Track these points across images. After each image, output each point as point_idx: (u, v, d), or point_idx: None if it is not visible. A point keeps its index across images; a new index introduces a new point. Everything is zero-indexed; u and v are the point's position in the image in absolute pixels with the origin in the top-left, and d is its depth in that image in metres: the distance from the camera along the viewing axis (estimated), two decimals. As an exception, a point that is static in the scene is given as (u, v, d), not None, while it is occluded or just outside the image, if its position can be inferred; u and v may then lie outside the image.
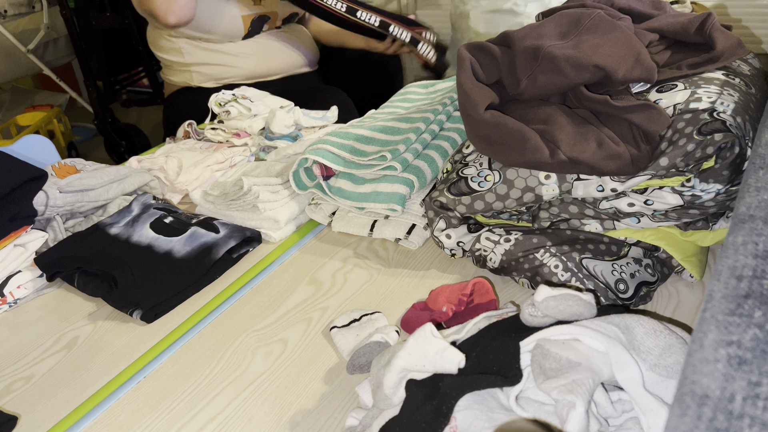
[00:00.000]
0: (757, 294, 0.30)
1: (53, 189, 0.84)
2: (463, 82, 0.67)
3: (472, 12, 1.96)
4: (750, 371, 0.27)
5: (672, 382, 0.42)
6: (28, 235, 0.80)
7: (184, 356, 0.64)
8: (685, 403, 0.27)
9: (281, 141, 1.03)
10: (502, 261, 0.67)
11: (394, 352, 0.47)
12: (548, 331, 0.44)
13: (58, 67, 3.01)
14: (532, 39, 0.65)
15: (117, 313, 0.72)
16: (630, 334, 0.43)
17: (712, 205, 0.59)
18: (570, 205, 0.66)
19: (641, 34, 0.69)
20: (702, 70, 0.63)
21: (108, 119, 2.70)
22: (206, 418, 0.56)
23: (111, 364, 0.65)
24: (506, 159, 0.65)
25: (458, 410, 0.42)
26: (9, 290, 0.76)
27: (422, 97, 1.02)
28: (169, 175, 0.98)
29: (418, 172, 0.78)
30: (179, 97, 1.49)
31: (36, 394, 0.61)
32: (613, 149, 0.58)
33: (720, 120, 0.54)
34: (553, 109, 0.63)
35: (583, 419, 0.38)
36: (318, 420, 0.55)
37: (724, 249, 0.36)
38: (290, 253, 0.81)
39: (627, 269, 0.62)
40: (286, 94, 1.22)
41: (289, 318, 0.68)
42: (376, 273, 0.75)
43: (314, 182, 0.84)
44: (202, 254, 0.77)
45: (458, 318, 0.61)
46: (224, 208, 0.87)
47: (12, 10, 2.77)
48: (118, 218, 0.85)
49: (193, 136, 1.14)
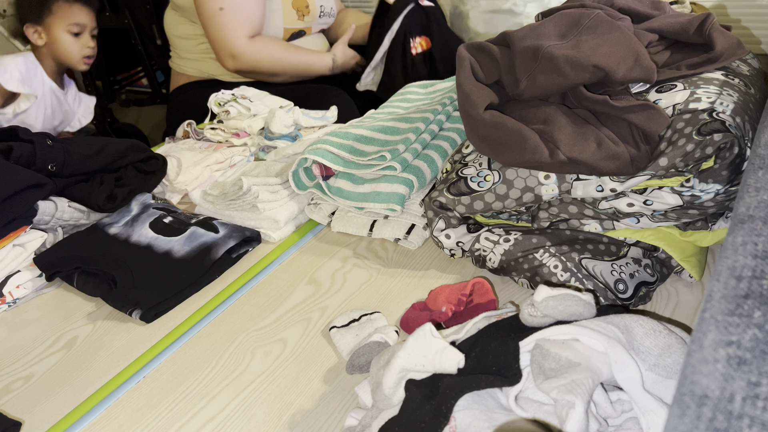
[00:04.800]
0: (757, 294, 0.30)
1: (63, 202, 0.84)
2: (462, 82, 0.67)
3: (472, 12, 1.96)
4: (749, 371, 0.27)
5: (671, 382, 0.42)
6: (27, 235, 0.80)
7: (184, 356, 0.64)
8: (684, 403, 0.27)
9: (281, 141, 1.03)
10: (501, 261, 0.67)
11: (394, 352, 0.47)
12: (548, 331, 0.44)
13: (58, 67, 3.00)
14: (531, 39, 0.65)
15: (116, 313, 0.72)
16: (629, 334, 0.43)
17: (711, 206, 0.59)
18: (569, 205, 0.66)
19: (641, 34, 0.69)
20: (701, 71, 0.63)
21: (107, 119, 2.70)
22: (206, 417, 0.56)
23: (110, 363, 0.65)
24: (506, 159, 0.65)
25: (458, 410, 0.42)
26: (8, 290, 0.76)
27: (422, 97, 1.01)
28: (169, 174, 0.98)
29: (417, 172, 0.78)
30: (186, 90, 1.49)
31: (35, 394, 0.61)
32: (613, 149, 0.58)
33: (719, 120, 0.54)
34: (553, 110, 0.63)
35: (582, 419, 0.38)
36: (317, 420, 0.55)
37: (724, 249, 0.36)
38: (290, 253, 0.81)
39: (626, 269, 0.62)
40: (286, 93, 1.22)
41: (289, 318, 0.68)
42: (375, 273, 0.75)
43: (314, 182, 0.84)
44: (201, 254, 0.77)
45: (458, 318, 0.61)
46: (224, 207, 0.87)
47: (11, 10, 2.76)
48: (118, 218, 0.85)
49: (193, 135, 1.14)
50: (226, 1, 1.30)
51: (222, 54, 1.36)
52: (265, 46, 1.35)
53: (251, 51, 1.34)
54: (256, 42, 1.34)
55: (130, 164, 0.93)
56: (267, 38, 1.37)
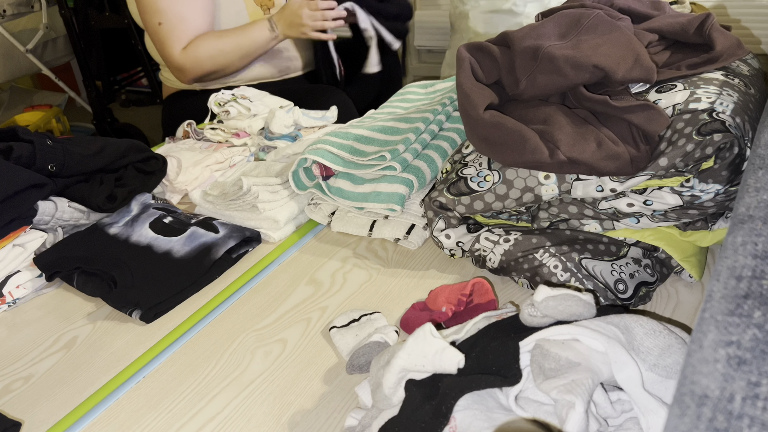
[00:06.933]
0: (757, 294, 0.30)
1: (63, 202, 0.84)
2: (462, 83, 0.67)
3: (472, 12, 1.96)
4: (749, 371, 0.27)
5: (671, 382, 0.42)
6: (27, 235, 0.80)
7: (184, 356, 0.64)
8: (684, 403, 0.27)
9: (281, 141, 1.03)
10: (501, 261, 0.67)
11: (394, 352, 0.47)
12: (548, 331, 0.44)
13: (57, 67, 3.00)
14: (531, 39, 0.65)
15: (116, 313, 0.72)
16: (629, 334, 0.43)
17: (711, 206, 0.59)
18: (569, 205, 0.66)
19: (640, 34, 0.69)
20: (701, 71, 0.63)
21: (107, 119, 2.70)
22: (205, 418, 0.56)
23: (110, 364, 0.65)
24: (505, 159, 0.65)
25: (458, 410, 0.42)
26: (8, 290, 0.76)
27: (421, 97, 1.02)
28: (169, 175, 0.98)
29: (417, 172, 0.78)
30: (178, 98, 1.49)
31: (35, 394, 0.61)
32: (613, 149, 0.58)
33: (719, 120, 0.54)
34: (553, 110, 0.63)
35: (582, 419, 0.38)
36: (317, 420, 0.55)
37: (724, 249, 0.36)
38: (289, 253, 0.81)
39: (626, 269, 0.62)
40: (286, 94, 1.22)
41: (289, 318, 0.68)
42: (375, 273, 0.75)
43: (313, 182, 0.84)
44: (201, 254, 0.77)
45: (458, 318, 0.61)
46: (224, 208, 0.87)
47: (11, 10, 2.76)
48: (118, 218, 0.85)
49: (193, 136, 1.14)
50: (164, 15, 1.27)
51: (171, 70, 1.33)
52: (198, 46, 1.29)
53: (189, 58, 1.29)
54: (190, 47, 1.29)
55: (130, 164, 0.93)
56: (198, 38, 1.29)
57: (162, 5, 1.26)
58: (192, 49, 1.29)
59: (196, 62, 1.30)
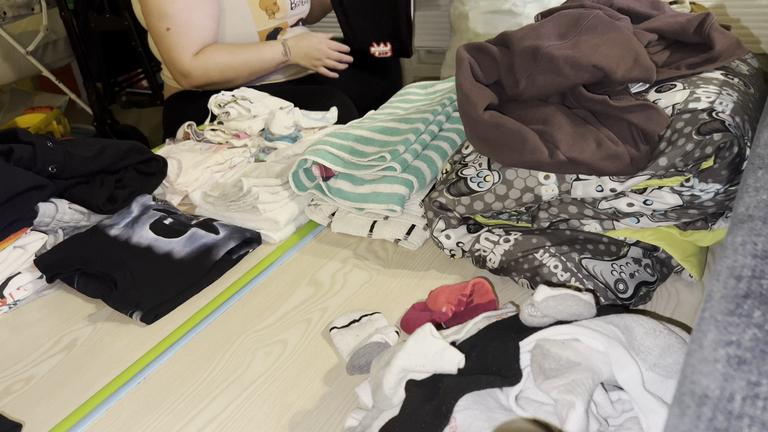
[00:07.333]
0: (756, 294, 0.30)
1: (63, 204, 0.84)
2: (462, 83, 0.67)
3: (471, 13, 1.96)
4: (749, 371, 0.27)
5: (671, 382, 0.42)
6: (27, 236, 0.80)
7: (184, 357, 0.64)
8: (684, 402, 0.27)
9: (281, 142, 1.03)
10: (501, 261, 0.67)
11: (394, 353, 0.47)
12: (548, 331, 0.44)
13: (58, 69, 3.01)
14: (531, 39, 0.65)
15: (117, 315, 0.72)
16: (629, 334, 0.43)
17: (711, 205, 0.59)
18: (569, 205, 0.66)
19: (640, 34, 0.69)
20: (701, 70, 0.63)
21: (107, 121, 2.70)
22: (206, 419, 0.56)
23: (111, 365, 0.65)
24: (505, 159, 0.65)
25: (458, 410, 0.42)
26: (9, 292, 0.76)
27: (421, 97, 1.02)
28: (169, 176, 0.98)
29: (417, 172, 0.78)
30: (180, 99, 1.49)
31: (36, 396, 0.61)
32: (612, 149, 0.58)
33: (719, 120, 0.54)
34: (552, 110, 0.63)
35: (582, 419, 0.38)
36: (318, 421, 0.55)
37: (724, 249, 0.36)
38: (290, 254, 0.81)
39: (626, 269, 0.62)
40: (286, 95, 1.22)
41: (289, 319, 0.68)
42: (375, 274, 0.75)
43: (314, 183, 0.84)
44: (201, 255, 0.77)
45: (458, 318, 0.61)
46: (224, 209, 0.87)
47: (11, 12, 2.77)
48: (118, 219, 0.85)
49: (193, 137, 1.14)
50: (172, 20, 1.28)
51: (174, 74, 1.35)
52: (211, 57, 1.32)
53: (198, 67, 1.31)
54: (201, 56, 1.31)
55: (130, 166, 0.93)
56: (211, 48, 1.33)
57: (170, 10, 1.27)
58: (203, 59, 1.31)
59: (204, 72, 1.32)
